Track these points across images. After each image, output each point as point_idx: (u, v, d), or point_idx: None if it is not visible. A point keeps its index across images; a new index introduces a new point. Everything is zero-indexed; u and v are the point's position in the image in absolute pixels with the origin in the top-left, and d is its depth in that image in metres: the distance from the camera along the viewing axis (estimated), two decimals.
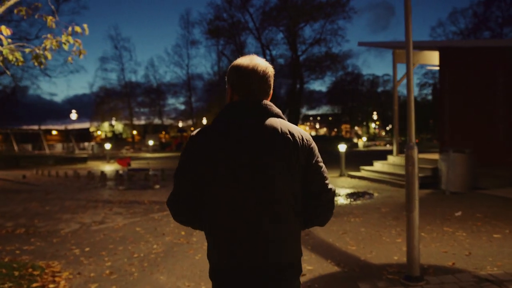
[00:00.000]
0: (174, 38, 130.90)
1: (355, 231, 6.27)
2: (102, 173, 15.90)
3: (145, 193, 10.98)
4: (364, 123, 67.29)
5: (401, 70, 14.32)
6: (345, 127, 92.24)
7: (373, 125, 67.49)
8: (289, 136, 1.50)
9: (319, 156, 1.59)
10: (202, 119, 59.81)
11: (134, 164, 22.52)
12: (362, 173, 14.69)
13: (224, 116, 1.53)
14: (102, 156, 32.15)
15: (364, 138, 50.25)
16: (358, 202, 9.35)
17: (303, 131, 1.57)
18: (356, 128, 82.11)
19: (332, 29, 56.41)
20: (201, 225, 1.57)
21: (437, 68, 15.34)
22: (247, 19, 54.40)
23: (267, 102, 1.56)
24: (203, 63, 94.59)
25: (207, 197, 1.48)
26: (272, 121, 1.51)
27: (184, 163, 1.52)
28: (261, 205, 1.44)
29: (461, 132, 10.98)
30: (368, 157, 28.08)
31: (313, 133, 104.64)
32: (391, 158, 14.35)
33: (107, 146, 26.50)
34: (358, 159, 23.78)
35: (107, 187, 12.47)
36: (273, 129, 1.49)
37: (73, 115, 40.90)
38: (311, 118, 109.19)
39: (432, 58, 14.01)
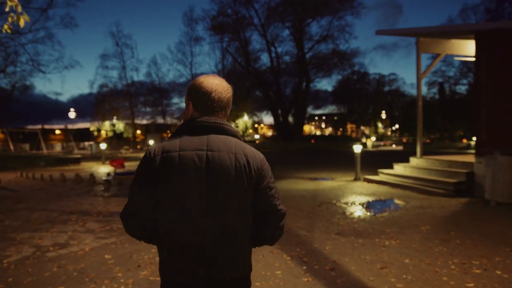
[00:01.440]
0: (177, 35, 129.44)
1: (397, 263, 4.63)
2: (91, 176, 14.39)
3: None
4: (372, 123, 65.43)
5: (426, 61, 12.63)
6: (350, 126, 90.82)
7: (380, 124, 65.66)
8: (242, 156, 1.53)
9: (271, 176, 1.62)
10: None
11: (132, 166, 21.05)
12: (380, 177, 13.04)
13: (183, 132, 1.57)
14: (99, 157, 30.53)
15: (373, 138, 48.46)
16: (385, 214, 7.72)
17: (256, 152, 1.60)
18: (362, 127, 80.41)
19: (339, 25, 54.90)
20: (154, 239, 1.57)
21: (468, 59, 13.69)
22: (252, 14, 53.01)
23: (225, 121, 1.60)
24: (207, 61, 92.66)
25: (160, 211, 1.50)
26: (228, 140, 1.56)
27: (139, 175, 1.53)
28: (212, 221, 1.48)
29: (504, 132, 9.30)
30: (380, 157, 26.47)
31: (318, 132, 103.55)
32: (414, 161, 12.69)
33: (103, 146, 24.87)
34: (370, 160, 22.12)
35: (92, 193, 10.90)
36: (228, 149, 1.52)
37: (72, 114, 39.62)
38: (316, 118, 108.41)
39: (463, 47, 12.31)
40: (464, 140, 45.39)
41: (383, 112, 59.40)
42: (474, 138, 11.09)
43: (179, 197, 1.46)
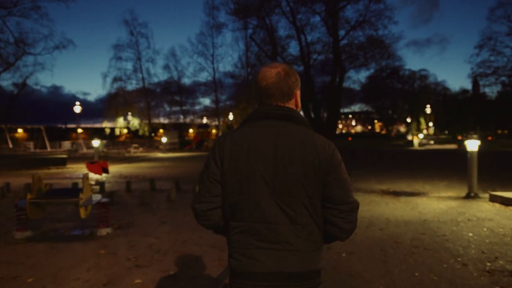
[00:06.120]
0: (198, 26, 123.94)
1: None
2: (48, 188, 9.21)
3: (51, 265, 4.09)
4: (413, 119, 58.90)
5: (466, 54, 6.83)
6: (379, 124, 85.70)
7: (423, 120, 59.07)
8: (311, 146, 1.44)
9: (343, 167, 1.49)
10: (228, 115, 53.23)
11: (128, 168, 15.96)
12: None
13: (247, 122, 1.54)
14: (103, 156, 25.46)
15: (421, 135, 42.20)
16: None
17: (327, 141, 1.48)
18: (395, 126, 74.44)
19: (377, 9, 48.42)
20: (223, 230, 1.55)
21: None
22: None
23: (288, 108, 1.52)
24: (230, 53, 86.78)
25: (228, 199, 1.47)
26: (295, 129, 1.48)
27: (208, 164, 1.52)
28: (279, 211, 1.42)
29: None
30: (447, 159, 19.45)
31: (344, 130, 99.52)
32: None
33: (95, 143, 19.73)
34: (434, 163, 16.16)
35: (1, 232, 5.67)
36: (296, 138, 1.46)
37: (77, 108, 35.06)
38: (342, 116, 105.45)
39: None
40: None
41: (428, 106, 52.45)
42: None
43: (246, 185, 1.43)
